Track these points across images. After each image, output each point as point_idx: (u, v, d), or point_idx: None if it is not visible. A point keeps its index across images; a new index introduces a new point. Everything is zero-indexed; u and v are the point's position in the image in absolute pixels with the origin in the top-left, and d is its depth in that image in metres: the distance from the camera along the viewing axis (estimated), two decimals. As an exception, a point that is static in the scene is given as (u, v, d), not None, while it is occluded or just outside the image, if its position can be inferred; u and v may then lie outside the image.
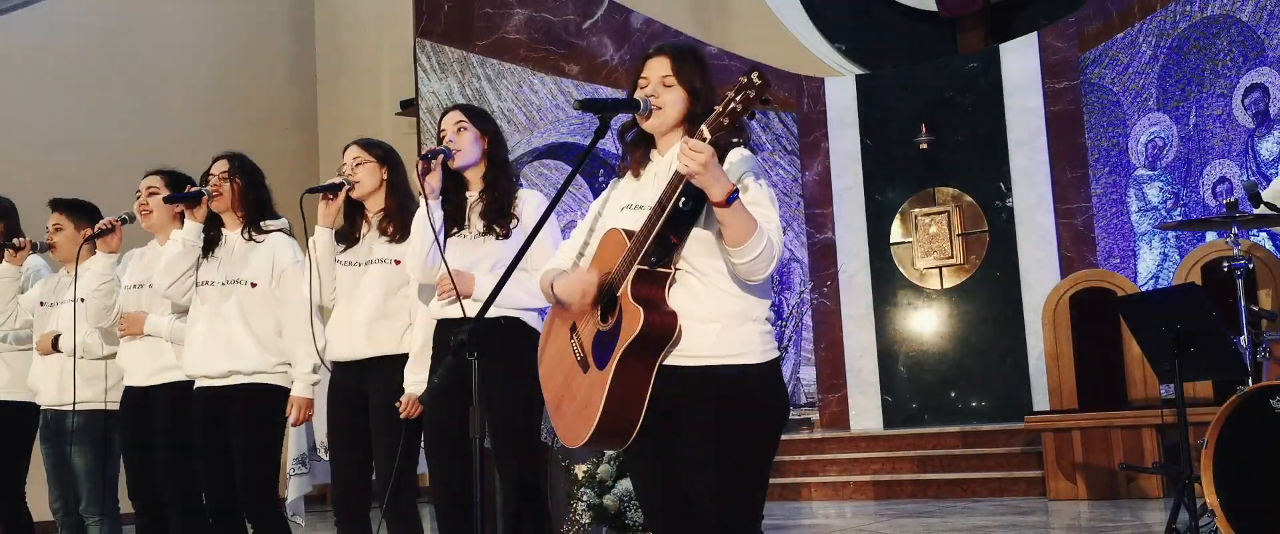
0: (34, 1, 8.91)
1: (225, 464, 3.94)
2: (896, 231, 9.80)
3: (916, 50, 10.43)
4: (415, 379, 3.65)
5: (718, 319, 2.53)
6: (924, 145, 9.60)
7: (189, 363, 4.03)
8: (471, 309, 3.47)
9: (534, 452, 3.61)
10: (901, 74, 9.97)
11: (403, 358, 3.71)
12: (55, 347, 4.54)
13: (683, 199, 2.42)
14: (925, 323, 9.68)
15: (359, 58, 11.45)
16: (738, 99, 2.30)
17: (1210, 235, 7.42)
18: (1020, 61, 9.42)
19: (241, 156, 4.11)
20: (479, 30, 9.47)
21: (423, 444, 3.71)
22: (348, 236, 3.86)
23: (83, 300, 4.36)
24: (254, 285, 3.96)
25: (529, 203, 3.59)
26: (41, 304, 4.73)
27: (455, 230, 3.59)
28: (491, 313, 3.39)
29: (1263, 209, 4.92)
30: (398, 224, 3.74)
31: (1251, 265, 4.90)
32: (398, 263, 3.72)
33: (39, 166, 8.29)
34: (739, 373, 2.53)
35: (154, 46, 9.95)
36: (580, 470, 5.15)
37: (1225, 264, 4.82)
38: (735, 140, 2.54)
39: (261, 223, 4.06)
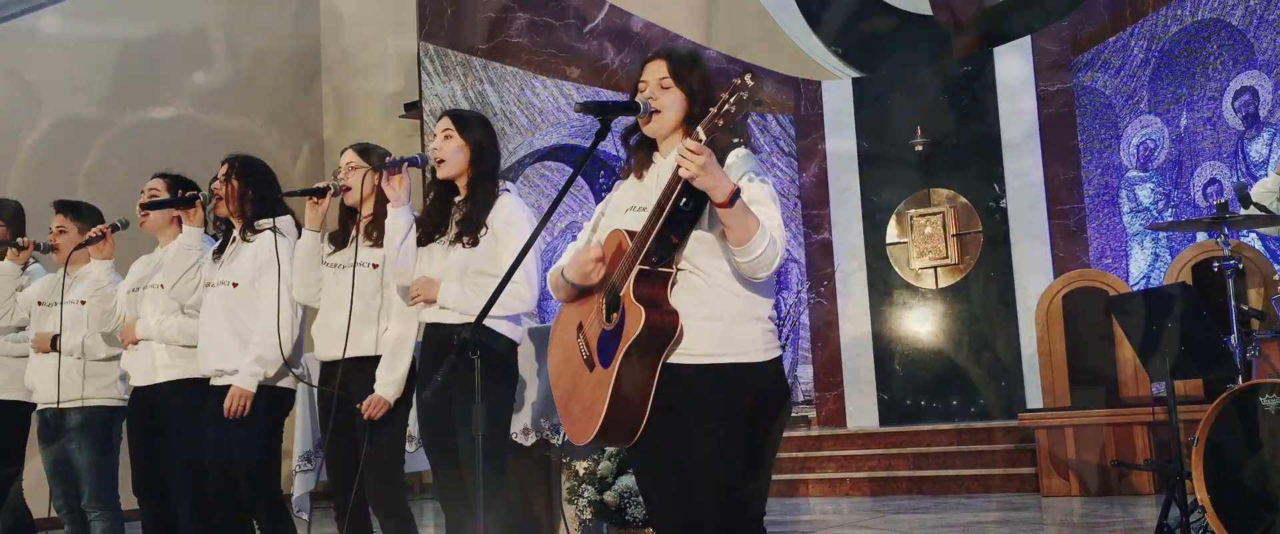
0: (40, 7, 8.91)
1: (228, 460, 3.94)
2: (892, 232, 9.80)
3: (912, 54, 10.43)
4: (382, 380, 3.66)
5: (721, 318, 2.53)
6: (919, 147, 9.59)
7: (200, 362, 4.06)
8: (435, 315, 3.53)
9: (502, 453, 3.61)
10: (897, 77, 9.96)
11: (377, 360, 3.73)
12: (54, 346, 4.54)
13: (684, 199, 2.43)
14: (920, 322, 9.67)
15: (364, 61, 11.45)
16: (731, 101, 2.31)
17: (1201, 236, 7.42)
18: (1013, 65, 9.41)
19: (243, 158, 4.12)
20: (481, 34, 9.48)
21: (422, 443, 3.72)
22: (340, 239, 3.87)
23: (83, 302, 4.39)
24: (235, 285, 3.98)
25: (500, 210, 3.57)
26: (39, 304, 4.74)
27: (438, 236, 3.61)
28: (457, 320, 3.44)
29: (1252, 210, 4.91)
30: (381, 229, 3.75)
31: (1241, 265, 4.89)
32: (376, 267, 3.73)
33: (46, 168, 8.29)
34: (742, 371, 2.53)
35: (163, 52, 9.95)
36: (581, 467, 5.14)
37: (1215, 264, 4.80)
38: (736, 140, 2.54)
39: (258, 221, 4.05)
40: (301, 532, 4.17)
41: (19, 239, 4.75)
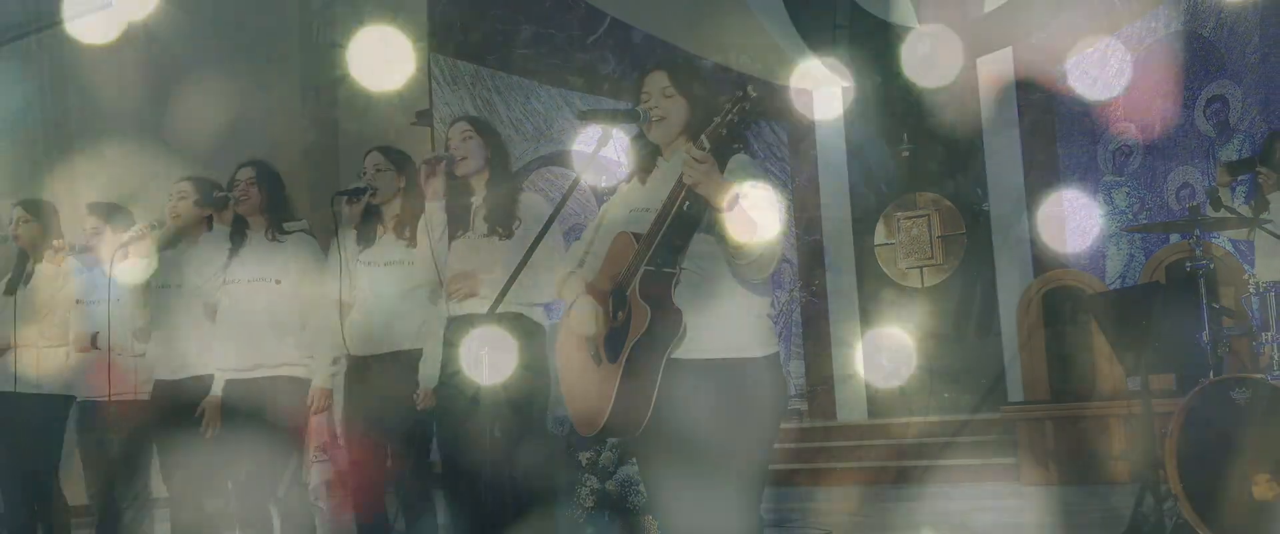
0: (44, 29, 8.90)
1: (253, 451, 3.96)
2: (880, 234, 9.82)
3: (900, 62, 10.43)
4: (427, 373, 3.67)
5: (722, 316, 2.55)
6: (905, 153, 9.62)
7: (218, 357, 4.06)
8: (477, 306, 3.50)
9: (541, 438, 3.63)
10: (885, 85, 9.97)
11: (415, 353, 3.73)
12: (94, 343, 4.57)
13: (687, 204, 2.46)
14: (907, 319, 9.69)
15: (376, 70, 11.44)
16: (733, 111, 2.34)
17: (1174, 237, 7.43)
18: (997, 73, 9.43)
19: (265, 163, 4.16)
20: (489, 45, 9.49)
21: (436, 433, 3.73)
22: (366, 238, 3.90)
23: (118, 300, 4.42)
24: (279, 282, 4.00)
25: (530, 204, 3.61)
26: (78, 302, 4.76)
27: (461, 232, 3.63)
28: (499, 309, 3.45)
29: (1223, 213, 4.94)
30: (412, 227, 3.78)
31: (1212, 265, 4.91)
32: (410, 264, 3.75)
33: (74, 171, 8.31)
34: (742, 366, 2.55)
35: (184, 59, 9.95)
36: (584, 457, 5.16)
37: (1188, 264, 4.83)
38: (736, 147, 2.57)
39: (283, 224, 4.09)
40: (316, 518, 4.19)
41: (55, 241, 4.78)
